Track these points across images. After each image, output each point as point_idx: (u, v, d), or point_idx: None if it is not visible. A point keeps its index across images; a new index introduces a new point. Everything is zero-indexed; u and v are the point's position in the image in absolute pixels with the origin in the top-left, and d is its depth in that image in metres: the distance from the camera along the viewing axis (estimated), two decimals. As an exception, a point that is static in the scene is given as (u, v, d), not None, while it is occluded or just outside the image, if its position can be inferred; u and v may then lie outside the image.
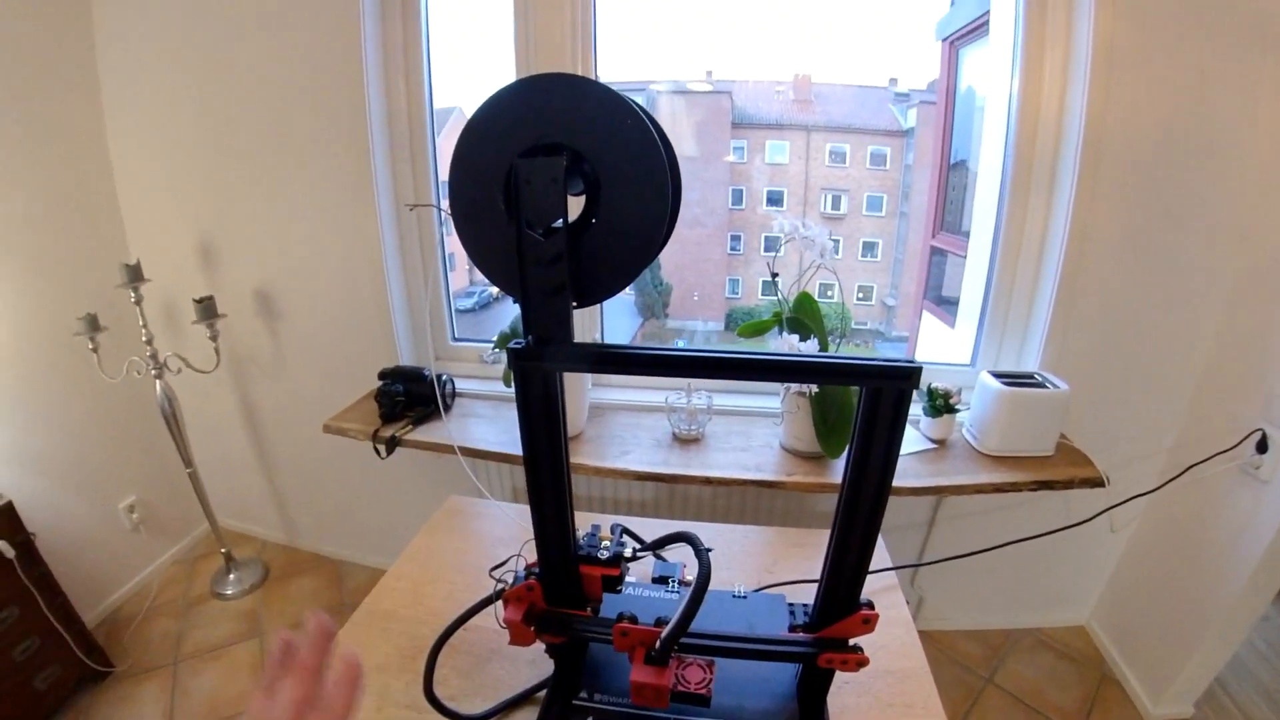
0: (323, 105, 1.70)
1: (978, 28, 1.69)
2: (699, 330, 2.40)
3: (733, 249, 2.27)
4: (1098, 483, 1.38)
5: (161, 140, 1.93)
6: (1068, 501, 1.61)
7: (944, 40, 1.85)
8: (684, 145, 2.06)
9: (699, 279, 2.33)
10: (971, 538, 1.47)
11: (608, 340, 1.90)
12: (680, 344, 2.32)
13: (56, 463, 1.92)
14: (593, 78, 1.58)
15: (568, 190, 0.49)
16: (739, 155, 2.13)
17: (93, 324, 1.76)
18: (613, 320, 1.99)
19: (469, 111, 0.50)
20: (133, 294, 1.80)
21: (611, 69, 1.67)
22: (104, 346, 1.81)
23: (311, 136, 1.75)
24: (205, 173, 1.92)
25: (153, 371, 1.91)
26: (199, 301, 1.84)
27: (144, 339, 1.86)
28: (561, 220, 0.49)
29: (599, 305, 1.61)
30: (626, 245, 0.51)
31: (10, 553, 1.54)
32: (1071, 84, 1.44)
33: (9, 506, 1.56)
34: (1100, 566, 1.89)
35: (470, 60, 1.79)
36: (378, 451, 1.59)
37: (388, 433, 1.59)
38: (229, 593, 2.17)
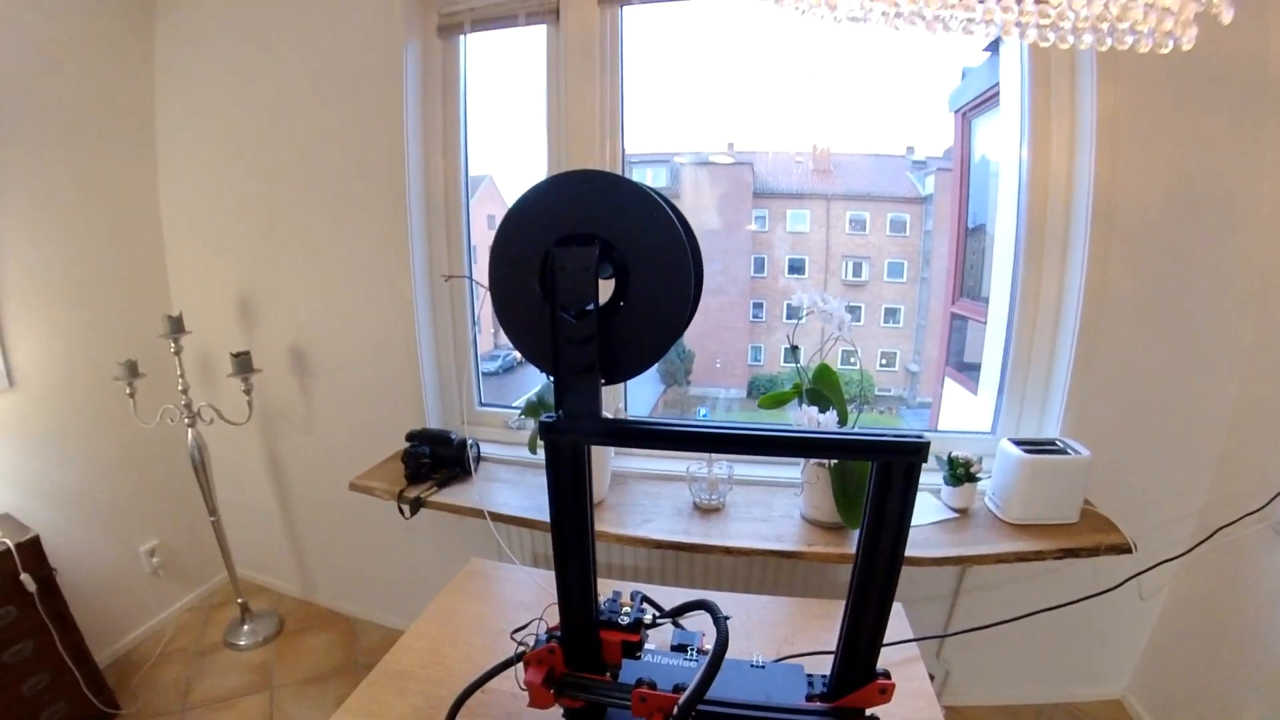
0: (365, 176, 1.80)
1: (988, 99, 1.74)
2: (721, 397, 2.40)
3: (755, 316, 2.29)
4: (1125, 549, 1.35)
5: (210, 200, 2.05)
6: (1095, 570, 1.57)
7: (956, 111, 1.91)
8: (707, 215, 2.13)
9: (721, 346, 2.35)
10: (997, 609, 1.43)
11: (630, 406, 1.94)
12: (702, 411, 2.33)
13: (84, 502, 1.97)
14: (620, 172, 1.66)
15: (599, 276, 0.53)
16: (760, 224, 2.18)
17: (132, 370, 1.84)
18: (635, 387, 2.01)
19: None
20: (173, 344, 1.88)
21: (637, 142, 1.75)
22: (141, 392, 1.87)
23: (353, 204, 1.85)
24: (249, 233, 2.03)
25: (186, 420, 1.96)
26: (236, 356, 1.91)
27: (180, 388, 1.93)
28: (593, 304, 0.53)
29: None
30: (652, 327, 0.54)
31: (32, 586, 1.55)
32: (1078, 153, 1.48)
33: (35, 540, 1.59)
34: (1134, 636, 1.81)
35: (503, 131, 1.89)
36: (402, 511, 1.60)
37: (413, 494, 1.61)
38: (242, 643, 2.16)
